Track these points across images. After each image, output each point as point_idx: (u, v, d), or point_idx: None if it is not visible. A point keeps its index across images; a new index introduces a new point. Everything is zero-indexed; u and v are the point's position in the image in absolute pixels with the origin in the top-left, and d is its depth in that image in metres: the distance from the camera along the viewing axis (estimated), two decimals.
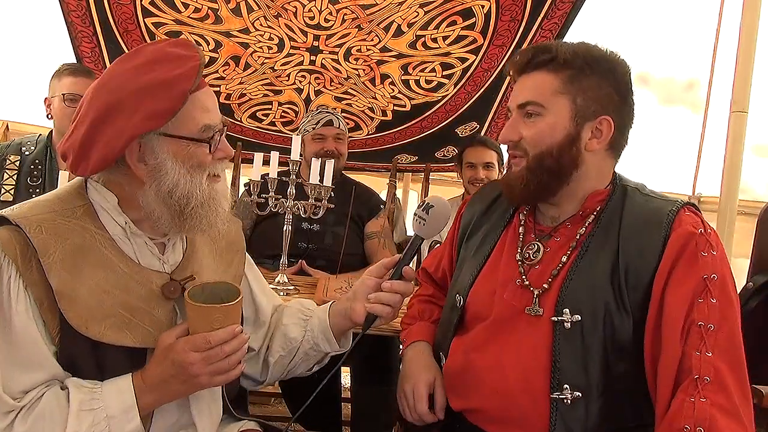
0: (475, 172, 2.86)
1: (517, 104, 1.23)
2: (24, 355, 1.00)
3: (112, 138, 1.02)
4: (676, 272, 1.10)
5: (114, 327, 1.04)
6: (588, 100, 1.18)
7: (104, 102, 1.03)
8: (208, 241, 1.24)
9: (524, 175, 1.21)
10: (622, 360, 1.12)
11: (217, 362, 1.04)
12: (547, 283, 1.19)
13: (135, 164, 1.06)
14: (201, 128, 1.07)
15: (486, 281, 1.29)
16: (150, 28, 2.63)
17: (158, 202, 1.06)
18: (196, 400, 1.14)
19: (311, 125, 2.60)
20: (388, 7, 2.53)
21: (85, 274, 1.03)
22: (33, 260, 1.00)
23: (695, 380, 1.03)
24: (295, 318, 1.34)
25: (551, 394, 1.13)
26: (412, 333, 1.44)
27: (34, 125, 3.50)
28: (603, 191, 1.23)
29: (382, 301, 1.21)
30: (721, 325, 1.06)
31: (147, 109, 1.01)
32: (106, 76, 1.08)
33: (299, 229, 2.47)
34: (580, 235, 1.21)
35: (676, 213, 1.15)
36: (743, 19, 2.41)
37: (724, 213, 2.40)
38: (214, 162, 1.11)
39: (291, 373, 1.35)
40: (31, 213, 1.04)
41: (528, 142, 1.21)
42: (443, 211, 1.23)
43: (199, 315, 1.04)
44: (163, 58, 1.05)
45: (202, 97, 1.08)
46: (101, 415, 1.01)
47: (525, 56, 1.22)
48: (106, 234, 1.08)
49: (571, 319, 1.14)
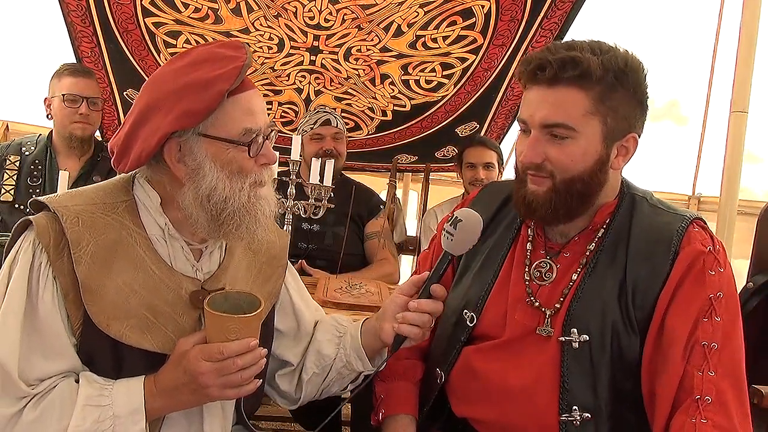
0: (475, 173, 2.86)
1: (541, 123, 1.11)
2: (45, 343, 1.00)
3: (148, 135, 1.02)
4: (681, 291, 1.08)
5: (136, 328, 1.04)
6: (618, 119, 1.10)
7: (146, 100, 1.04)
8: (248, 254, 1.21)
9: (551, 198, 1.13)
10: (630, 380, 1.10)
11: (229, 375, 1.01)
12: (559, 302, 1.16)
13: (174, 164, 1.05)
14: (241, 131, 1.04)
15: (497, 300, 1.23)
16: (150, 28, 2.63)
17: (196, 204, 1.05)
18: (209, 413, 1.12)
19: (309, 125, 2.60)
20: (388, 7, 2.53)
21: (115, 270, 1.03)
22: (65, 250, 1.01)
23: (696, 401, 1.02)
24: (330, 334, 1.29)
25: (560, 416, 1.10)
26: (393, 400, 1.29)
27: (34, 125, 3.50)
28: (612, 203, 1.19)
29: (409, 321, 1.14)
30: (724, 344, 1.05)
31: (182, 107, 1.00)
32: (154, 75, 1.08)
33: (299, 229, 2.48)
34: (589, 251, 1.17)
35: (685, 230, 1.12)
36: (743, 19, 2.41)
37: (724, 213, 2.40)
38: (257, 168, 1.08)
39: (325, 392, 1.30)
40: (72, 203, 1.04)
41: (556, 165, 1.12)
42: (473, 226, 1.15)
43: (216, 324, 1.01)
44: (208, 59, 1.04)
45: (245, 98, 1.06)
46: (107, 413, 1.00)
47: (549, 69, 1.08)
48: (143, 233, 1.07)
49: (579, 339, 1.11)
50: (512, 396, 1.15)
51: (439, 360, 1.28)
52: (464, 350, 1.24)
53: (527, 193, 1.16)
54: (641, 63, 1.13)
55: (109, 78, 2.80)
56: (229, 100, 1.03)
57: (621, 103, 1.10)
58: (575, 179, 1.12)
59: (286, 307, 1.30)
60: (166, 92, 1.02)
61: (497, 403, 1.17)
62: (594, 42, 1.12)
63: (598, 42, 1.12)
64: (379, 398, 1.31)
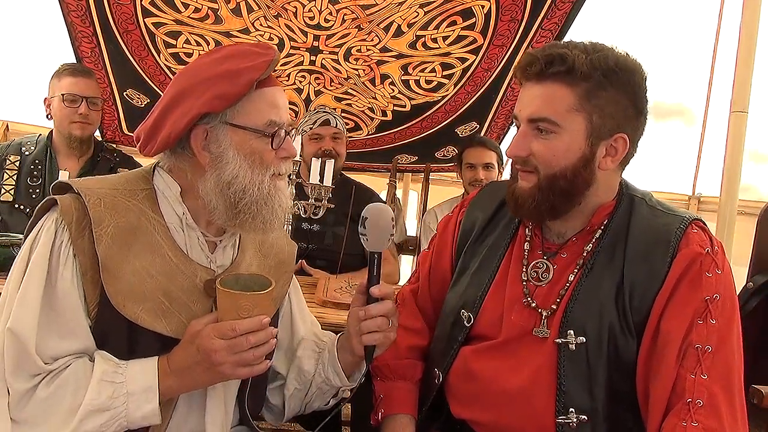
0: (474, 173, 2.86)
1: (528, 118, 1.13)
2: (61, 321, 1.02)
3: (178, 118, 1.06)
4: (677, 293, 1.08)
5: (151, 312, 1.06)
6: (605, 117, 1.10)
7: (178, 88, 1.08)
8: (258, 256, 1.24)
9: (535, 194, 1.14)
10: (627, 382, 1.10)
11: (242, 353, 1.02)
12: (555, 303, 1.16)
13: (200, 151, 1.08)
14: (266, 122, 1.08)
15: (494, 300, 1.23)
16: (150, 28, 2.63)
17: (216, 191, 1.08)
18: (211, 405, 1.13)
19: (308, 125, 2.60)
20: (388, 7, 2.53)
21: (133, 253, 1.06)
22: (87, 230, 1.04)
23: (688, 404, 1.02)
24: (309, 350, 1.29)
25: (557, 418, 1.10)
26: (393, 399, 1.29)
27: (34, 125, 3.49)
28: (610, 204, 1.19)
29: (368, 330, 1.14)
30: (719, 347, 1.05)
31: (214, 92, 1.04)
32: (186, 67, 1.14)
33: (299, 229, 2.47)
34: (586, 252, 1.17)
35: (684, 231, 1.11)
36: (743, 19, 2.41)
37: (724, 213, 2.40)
38: (278, 161, 1.11)
39: (309, 407, 1.30)
40: (96, 186, 1.08)
41: (539, 160, 1.13)
42: (380, 217, 1.14)
43: (228, 302, 1.03)
44: (240, 54, 1.09)
45: (271, 92, 1.10)
46: (122, 390, 1.01)
47: (536, 64, 1.11)
48: (162, 221, 1.10)
49: (576, 341, 1.11)
50: (509, 397, 1.15)
51: (438, 360, 1.28)
52: (462, 351, 1.24)
53: (515, 189, 1.18)
54: (639, 66, 1.13)
55: (109, 78, 2.80)
56: (256, 92, 1.07)
57: (609, 102, 1.10)
58: (558, 176, 1.12)
59: (285, 317, 1.31)
60: (199, 79, 1.07)
61: (494, 405, 1.17)
62: (592, 43, 1.13)
63: (595, 43, 1.13)
64: (378, 398, 1.31)
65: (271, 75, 1.10)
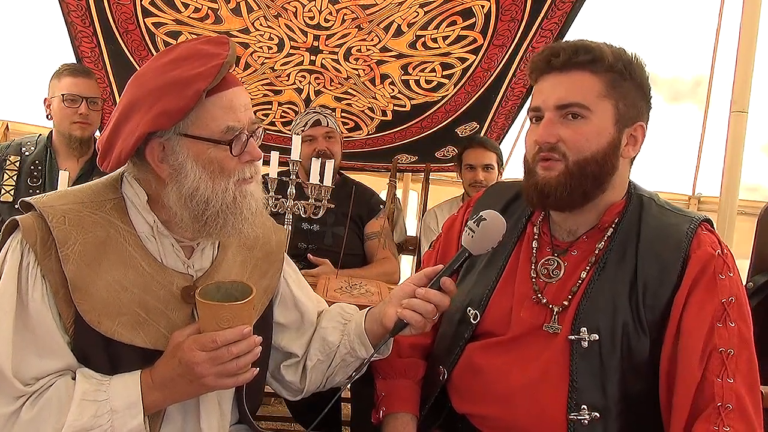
0: (474, 174, 2.86)
1: (556, 104, 1.14)
2: (38, 341, 1.00)
3: (127, 135, 1.01)
4: (694, 296, 1.09)
5: (127, 325, 1.04)
6: (628, 105, 1.14)
7: (129, 98, 1.04)
8: (242, 251, 1.20)
9: (565, 182, 1.13)
10: (639, 380, 1.11)
11: (225, 364, 1.00)
12: (567, 300, 1.16)
13: (157, 164, 1.05)
14: (223, 130, 1.03)
15: (502, 297, 1.23)
16: (150, 28, 2.63)
17: (180, 204, 1.05)
18: (205, 410, 1.12)
19: (300, 128, 2.60)
20: (388, 7, 2.53)
21: (104, 268, 1.03)
22: (53, 249, 1.01)
23: (718, 408, 1.02)
24: (334, 321, 1.29)
25: (569, 415, 1.10)
26: (394, 398, 1.29)
27: (34, 125, 3.50)
28: (620, 203, 1.20)
29: (414, 308, 1.12)
30: (741, 349, 1.06)
31: (160, 107, 0.99)
32: (138, 72, 1.08)
33: (299, 229, 2.48)
34: (598, 250, 1.18)
35: (695, 232, 1.13)
36: (743, 19, 2.41)
37: (724, 213, 2.40)
38: (241, 165, 1.06)
39: (330, 381, 1.29)
40: (59, 202, 1.04)
41: (569, 146, 1.13)
42: (496, 228, 1.13)
43: (208, 313, 1.02)
44: (190, 56, 1.03)
45: (227, 96, 1.04)
46: (105, 407, 1.00)
47: (562, 54, 1.13)
48: (132, 230, 1.07)
49: (589, 338, 1.11)
50: (515, 393, 1.15)
51: (443, 358, 1.29)
52: (467, 348, 1.24)
53: (538, 181, 1.17)
54: (644, 64, 1.18)
55: (109, 78, 2.80)
56: (209, 99, 1.01)
57: (630, 92, 1.15)
58: (589, 160, 1.13)
59: (287, 300, 1.30)
60: (146, 90, 1.02)
61: (500, 400, 1.17)
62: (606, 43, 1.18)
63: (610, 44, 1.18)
64: (380, 396, 1.31)
65: (227, 75, 1.04)
